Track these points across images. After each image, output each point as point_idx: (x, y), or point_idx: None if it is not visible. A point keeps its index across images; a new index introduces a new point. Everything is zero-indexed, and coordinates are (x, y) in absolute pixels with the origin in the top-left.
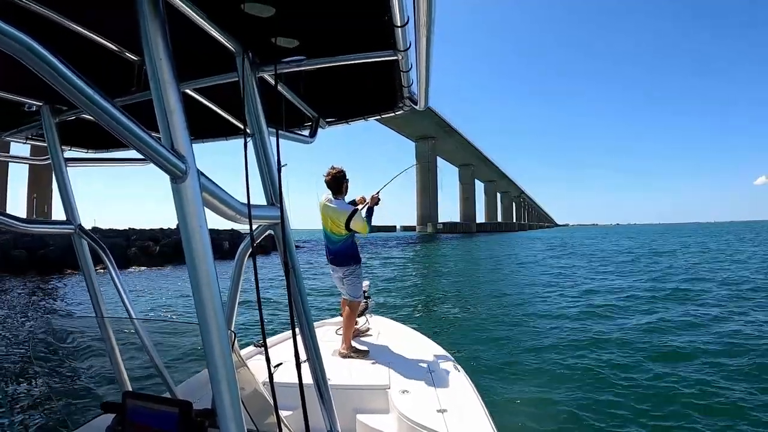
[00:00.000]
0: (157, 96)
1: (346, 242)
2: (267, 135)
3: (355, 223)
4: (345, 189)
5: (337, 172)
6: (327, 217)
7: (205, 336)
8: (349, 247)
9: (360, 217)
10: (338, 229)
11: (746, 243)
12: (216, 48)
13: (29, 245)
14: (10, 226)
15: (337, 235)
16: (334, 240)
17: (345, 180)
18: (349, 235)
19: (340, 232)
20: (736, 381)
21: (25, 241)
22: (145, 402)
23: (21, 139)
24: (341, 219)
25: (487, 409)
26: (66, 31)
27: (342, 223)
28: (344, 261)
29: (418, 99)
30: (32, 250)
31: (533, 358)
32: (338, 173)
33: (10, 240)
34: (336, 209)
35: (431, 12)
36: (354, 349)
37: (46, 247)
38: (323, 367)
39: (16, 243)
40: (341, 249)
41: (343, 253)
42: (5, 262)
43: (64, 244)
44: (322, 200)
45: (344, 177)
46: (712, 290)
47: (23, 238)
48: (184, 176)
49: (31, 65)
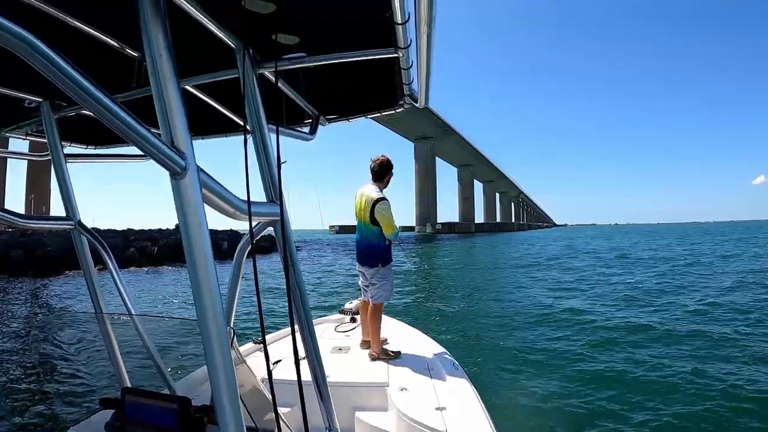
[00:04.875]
0: (158, 92)
1: (373, 237)
2: (267, 132)
3: (380, 214)
4: (387, 181)
5: (384, 160)
6: (360, 203)
7: (204, 332)
8: (376, 245)
9: (387, 210)
10: (366, 218)
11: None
12: (216, 44)
13: (27, 245)
14: (9, 222)
15: (366, 227)
16: (362, 232)
17: (390, 170)
18: (377, 230)
19: (368, 223)
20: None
21: (22, 241)
22: (143, 398)
23: (21, 135)
24: (369, 205)
25: (485, 408)
26: (66, 27)
27: (369, 209)
28: (370, 260)
29: (419, 96)
30: (30, 250)
31: (532, 357)
32: (385, 161)
33: (7, 240)
34: (369, 194)
35: (432, 9)
36: (385, 352)
37: (43, 247)
38: (322, 364)
39: (13, 243)
40: (367, 245)
41: (368, 250)
42: (2, 263)
43: (62, 245)
44: (360, 189)
45: (390, 167)
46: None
47: (21, 239)
48: (184, 172)
49: (31, 61)
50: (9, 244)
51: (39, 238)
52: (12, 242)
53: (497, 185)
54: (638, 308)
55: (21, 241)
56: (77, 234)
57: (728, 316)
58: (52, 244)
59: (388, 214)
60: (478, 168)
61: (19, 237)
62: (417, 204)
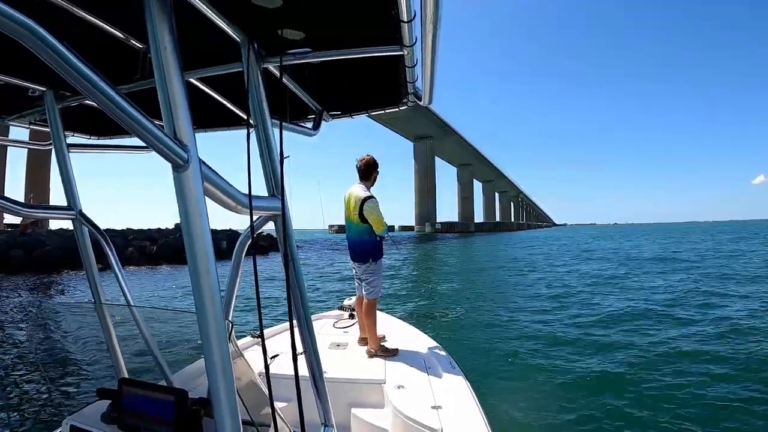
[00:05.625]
0: (161, 84)
1: (364, 234)
2: (270, 126)
3: (369, 212)
4: (373, 179)
5: (370, 159)
6: (349, 203)
7: (202, 325)
8: (366, 241)
9: (376, 208)
10: (355, 217)
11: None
12: (222, 38)
13: (26, 245)
14: (10, 210)
15: (355, 225)
16: (353, 230)
17: (376, 169)
18: (367, 227)
19: (357, 221)
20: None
21: (21, 241)
22: (141, 389)
23: (24, 124)
24: (357, 204)
25: (481, 407)
26: (72, 17)
27: (357, 207)
28: (362, 256)
29: (423, 95)
30: (29, 250)
31: (529, 356)
32: (371, 160)
33: (6, 240)
34: (357, 193)
35: (438, 8)
36: (383, 348)
37: (42, 246)
38: (319, 359)
39: (13, 243)
40: (359, 242)
41: (360, 247)
42: (1, 263)
43: (61, 244)
44: (349, 189)
45: (376, 165)
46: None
47: (20, 238)
48: (186, 165)
49: (35, 50)
50: (8, 244)
51: (38, 238)
52: (11, 242)
53: (497, 185)
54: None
55: (20, 241)
56: (78, 224)
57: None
58: (51, 243)
59: (377, 212)
60: (478, 167)
61: (19, 236)
62: (416, 203)
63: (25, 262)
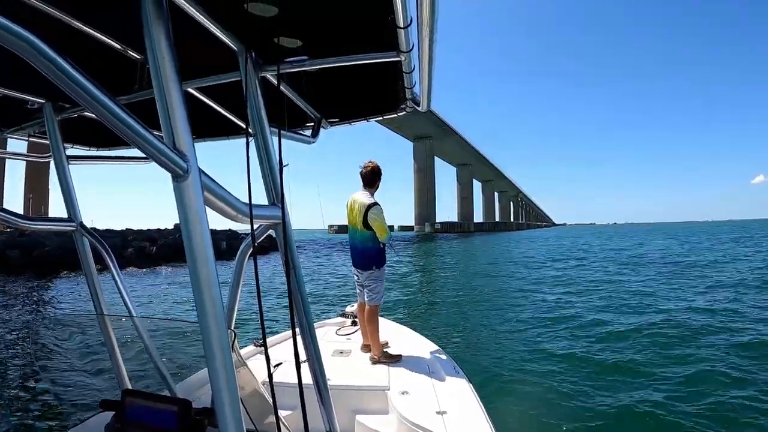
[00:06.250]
0: (160, 94)
1: (367, 241)
2: (269, 135)
3: (373, 219)
4: (377, 186)
5: (375, 166)
6: (352, 209)
7: (204, 335)
8: (370, 248)
9: (380, 215)
10: (359, 224)
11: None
12: (219, 47)
13: (25, 246)
14: (11, 223)
15: (359, 231)
16: (356, 237)
17: (380, 176)
18: (371, 234)
19: (361, 228)
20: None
21: (20, 241)
22: (144, 400)
23: (23, 137)
24: (362, 210)
25: (486, 412)
26: (69, 28)
27: (362, 214)
28: (365, 263)
29: (421, 100)
30: (28, 250)
31: (534, 361)
32: (376, 167)
33: (5, 241)
34: (361, 200)
35: (434, 14)
36: (386, 355)
37: (42, 247)
38: (323, 367)
39: (12, 243)
40: (362, 249)
41: (363, 254)
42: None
43: (61, 245)
44: (352, 195)
45: (380, 173)
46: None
47: (19, 239)
48: (186, 175)
49: (34, 63)
50: (7, 244)
51: (37, 239)
52: (10, 242)
53: (496, 185)
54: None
55: (19, 241)
56: (79, 236)
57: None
58: (50, 244)
59: (381, 219)
60: (477, 167)
61: (18, 237)
62: (416, 203)
63: (25, 263)
